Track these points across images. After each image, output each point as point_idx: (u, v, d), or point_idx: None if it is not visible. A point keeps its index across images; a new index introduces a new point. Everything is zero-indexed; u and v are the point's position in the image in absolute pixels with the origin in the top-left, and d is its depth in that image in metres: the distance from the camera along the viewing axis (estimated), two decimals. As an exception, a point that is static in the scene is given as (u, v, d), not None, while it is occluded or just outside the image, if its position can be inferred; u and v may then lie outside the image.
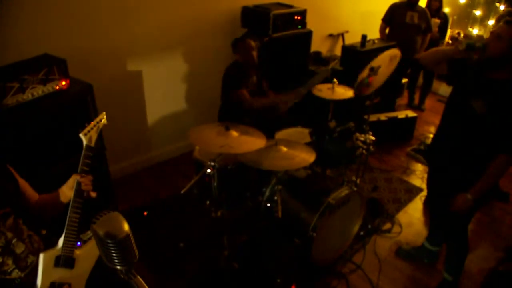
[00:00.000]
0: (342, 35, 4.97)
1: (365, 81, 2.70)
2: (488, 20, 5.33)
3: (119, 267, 0.95)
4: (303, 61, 4.02)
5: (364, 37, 3.90)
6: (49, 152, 2.27)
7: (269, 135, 2.48)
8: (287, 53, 3.74)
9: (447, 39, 5.31)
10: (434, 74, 4.99)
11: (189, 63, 3.61)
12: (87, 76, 2.48)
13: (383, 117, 4.20)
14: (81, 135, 1.62)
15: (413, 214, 3.22)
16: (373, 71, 2.69)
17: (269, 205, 2.52)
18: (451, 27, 5.52)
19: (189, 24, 3.42)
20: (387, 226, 3.04)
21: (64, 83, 2.27)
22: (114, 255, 0.93)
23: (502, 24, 1.85)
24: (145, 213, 3.02)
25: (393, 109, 4.74)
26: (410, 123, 4.35)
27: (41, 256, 1.53)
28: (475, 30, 5.47)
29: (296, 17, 3.72)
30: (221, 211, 2.45)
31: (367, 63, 2.70)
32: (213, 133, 2.22)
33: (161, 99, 3.56)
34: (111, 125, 1.81)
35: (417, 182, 3.63)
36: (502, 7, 5.10)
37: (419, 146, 4.14)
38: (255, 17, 3.59)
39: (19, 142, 2.12)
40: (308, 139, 2.75)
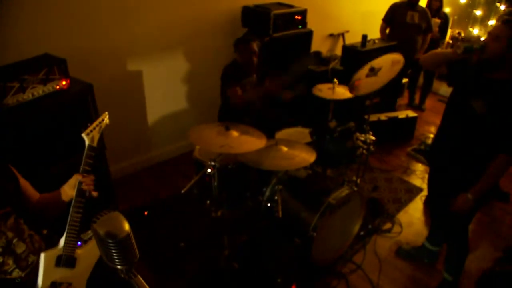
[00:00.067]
0: (342, 35, 4.97)
1: (352, 82, 2.68)
2: (488, 20, 5.32)
3: (119, 267, 0.96)
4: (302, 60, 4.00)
5: (364, 37, 3.90)
6: (49, 152, 2.27)
7: (269, 135, 2.48)
8: (287, 53, 3.73)
9: (447, 39, 5.31)
10: (434, 74, 4.99)
11: (189, 63, 3.61)
12: (87, 76, 2.48)
13: (383, 117, 4.20)
14: (84, 135, 1.61)
15: (414, 214, 3.22)
16: (373, 71, 2.68)
17: (269, 205, 2.52)
18: (452, 27, 5.52)
19: (189, 24, 3.42)
20: (387, 226, 3.04)
21: (64, 83, 2.27)
22: (114, 254, 0.93)
23: (499, 24, 1.84)
24: (146, 213, 3.02)
25: (394, 109, 4.74)
26: (410, 123, 4.35)
27: (42, 255, 1.53)
28: (475, 30, 5.46)
29: (296, 17, 3.72)
30: (221, 211, 2.45)
31: (367, 63, 2.70)
32: (213, 133, 2.22)
33: (161, 99, 3.56)
34: (111, 125, 1.81)
35: (417, 182, 3.63)
36: (502, 7, 5.10)
37: (419, 146, 4.14)
38: (255, 17, 3.59)
39: (19, 142, 2.12)
40: (308, 139, 2.75)
